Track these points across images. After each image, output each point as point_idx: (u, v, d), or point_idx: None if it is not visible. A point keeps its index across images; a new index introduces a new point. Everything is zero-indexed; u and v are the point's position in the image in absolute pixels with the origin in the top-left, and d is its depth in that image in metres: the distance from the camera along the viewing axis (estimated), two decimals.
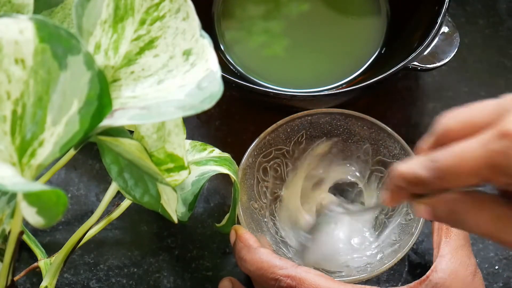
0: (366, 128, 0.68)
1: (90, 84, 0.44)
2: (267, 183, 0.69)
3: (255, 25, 0.80)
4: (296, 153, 0.70)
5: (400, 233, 0.65)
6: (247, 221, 0.64)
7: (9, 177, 0.42)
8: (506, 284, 0.69)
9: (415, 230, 0.63)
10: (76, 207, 0.74)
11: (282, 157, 0.69)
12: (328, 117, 0.68)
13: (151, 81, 0.50)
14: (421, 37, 0.70)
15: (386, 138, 0.67)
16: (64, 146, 0.45)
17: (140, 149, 0.54)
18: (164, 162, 0.56)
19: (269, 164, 0.69)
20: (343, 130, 0.69)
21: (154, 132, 0.55)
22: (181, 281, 0.70)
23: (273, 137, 0.68)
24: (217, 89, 0.48)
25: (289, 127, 0.68)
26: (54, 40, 0.43)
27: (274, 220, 0.69)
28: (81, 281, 0.71)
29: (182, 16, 0.52)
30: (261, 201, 0.68)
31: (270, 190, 0.69)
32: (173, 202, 0.56)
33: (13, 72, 0.44)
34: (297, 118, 0.68)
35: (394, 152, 0.67)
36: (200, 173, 0.62)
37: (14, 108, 0.44)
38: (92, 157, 0.75)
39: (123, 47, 0.51)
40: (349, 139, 0.69)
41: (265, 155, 0.68)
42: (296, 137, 0.69)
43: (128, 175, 0.52)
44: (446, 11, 0.69)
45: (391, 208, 0.67)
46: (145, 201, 0.54)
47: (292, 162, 0.70)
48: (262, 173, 0.68)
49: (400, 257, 0.62)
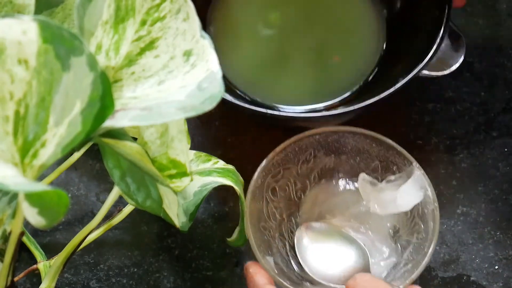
0: (375, 145, 0.67)
1: (93, 85, 0.44)
2: (277, 204, 0.68)
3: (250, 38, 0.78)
4: (305, 172, 0.69)
5: (412, 253, 0.65)
6: (257, 243, 0.63)
7: (11, 177, 0.42)
8: (506, 284, 0.69)
9: (428, 249, 0.62)
10: (76, 207, 0.74)
11: (290, 177, 0.69)
12: (336, 135, 0.67)
13: (151, 81, 0.50)
14: (426, 44, 0.69)
15: (395, 155, 0.66)
16: (66, 147, 0.45)
17: (141, 152, 0.54)
18: (167, 168, 0.56)
19: (277, 184, 0.68)
20: (351, 147, 0.68)
21: (157, 137, 0.55)
22: (181, 281, 0.70)
23: (281, 157, 0.67)
24: (218, 90, 0.48)
25: (297, 146, 0.67)
26: (57, 41, 0.43)
27: (284, 241, 0.68)
28: (81, 281, 0.71)
29: (182, 16, 0.52)
30: (271, 222, 0.67)
31: (279, 211, 0.68)
32: (174, 205, 0.56)
33: (16, 72, 0.44)
34: (305, 138, 0.67)
35: (404, 168, 0.66)
36: (203, 184, 0.62)
37: (16, 109, 0.44)
38: (92, 157, 0.75)
39: (124, 47, 0.51)
40: (358, 157, 0.69)
41: (273, 175, 0.67)
42: (304, 155, 0.68)
43: (130, 179, 0.52)
44: (449, 15, 0.68)
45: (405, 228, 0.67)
46: (147, 206, 0.54)
47: (301, 181, 0.69)
48: (271, 194, 0.68)
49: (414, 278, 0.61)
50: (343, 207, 0.69)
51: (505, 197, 0.73)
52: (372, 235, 0.68)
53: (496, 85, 0.78)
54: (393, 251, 0.67)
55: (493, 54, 0.79)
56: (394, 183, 0.66)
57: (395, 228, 0.67)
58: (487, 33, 0.81)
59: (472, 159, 0.75)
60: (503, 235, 0.72)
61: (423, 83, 0.78)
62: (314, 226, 0.68)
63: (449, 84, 0.78)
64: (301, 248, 0.66)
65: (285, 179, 0.68)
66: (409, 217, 0.66)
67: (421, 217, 0.65)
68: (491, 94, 0.78)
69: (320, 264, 0.65)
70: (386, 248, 0.67)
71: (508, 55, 0.79)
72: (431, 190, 0.64)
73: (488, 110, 0.77)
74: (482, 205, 0.73)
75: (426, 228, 0.64)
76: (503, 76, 0.78)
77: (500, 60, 0.79)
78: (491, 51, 0.80)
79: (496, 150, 0.75)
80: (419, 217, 0.65)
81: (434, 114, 0.77)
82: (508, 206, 0.73)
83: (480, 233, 0.72)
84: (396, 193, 0.66)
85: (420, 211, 0.65)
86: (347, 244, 0.66)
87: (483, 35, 0.81)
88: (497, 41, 0.80)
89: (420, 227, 0.65)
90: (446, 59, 0.69)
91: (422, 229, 0.64)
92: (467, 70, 0.79)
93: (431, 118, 0.77)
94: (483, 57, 0.79)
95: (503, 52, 0.79)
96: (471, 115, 0.77)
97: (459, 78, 0.78)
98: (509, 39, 0.80)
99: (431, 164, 0.74)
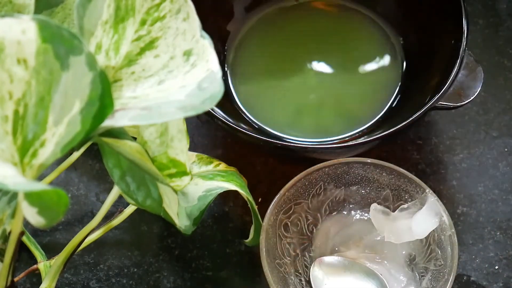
0: (385, 174, 0.67)
1: (92, 84, 0.44)
2: (290, 239, 0.68)
3: (266, 74, 0.79)
4: (315, 205, 0.69)
5: (431, 280, 0.64)
6: (274, 281, 0.63)
7: (10, 177, 0.42)
8: (506, 284, 0.69)
9: (448, 276, 0.62)
10: (76, 207, 0.74)
11: (301, 211, 0.68)
12: (345, 166, 0.67)
13: (151, 81, 0.50)
14: (442, 74, 0.68)
15: (407, 183, 0.66)
16: (66, 146, 0.45)
17: (140, 151, 0.54)
18: (167, 167, 0.56)
19: (289, 220, 0.68)
20: (361, 178, 0.68)
21: (157, 137, 0.55)
22: (181, 281, 0.70)
23: (292, 193, 0.67)
24: (218, 90, 0.47)
25: (307, 181, 0.67)
26: (56, 41, 0.43)
27: (300, 277, 0.67)
28: (81, 281, 0.71)
29: (182, 16, 0.52)
30: (285, 258, 0.67)
31: (293, 246, 0.68)
32: (174, 205, 0.56)
33: (15, 72, 0.44)
34: (314, 171, 0.67)
35: (416, 196, 0.66)
36: (208, 189, 0.62)
37: (16, 108, 0.44)
38: (92, 157, 0.75)
39: (123, 47, 0.51)
40: (368, 187, 0.69)
41: (285, 211, 0.67)
42: (315, 189, 0.68)
43: (130, 178, 0.52)
44: (466, 45, 0.68)
45: (421, 255, 0.67)
46: (147, 205, 0.54)
47: (312, 215, 0.69)
48: (284, 230, 0.67)
49: None
50: (356, 237, 0.69)
51: (505, 197, 0.73)
52: (388, 264, 0.67)
53: (496, 85, 0.78)
54: (411, 279, 0.66)
55: (493, 54, 0.79)
56: (407, 211, 0.66)
57: (410, 256, 0.67)
58: (487, 33, 0.81)
59: (472, 159, 0.75)
60: (503, 235, 0.71)
61: None
62: (327, 261, 0.67)
63: None
64: (316, 284, 0.66)
65: (296, 214, 0.68)
66: (425, 244, 0.66)
67: (438, 243, 0.65)
68: (491, 94, 0.78)
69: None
70: (403, 277, 0.66)
71: (508, 55, 0.79)
72: (447, 215, 0.64)
73: (488, 110, 0.77)
74: (482, 205, 0.73)
75: (444, 255, 0.64)
76: (503, 76, 0.78)
77: (500, 60, 0.79)
78: (491, 51, 0.80)
79: (496, 150, 0.75)
80: (435, 243, 0.65)
81: (434, 114, 0.77)
82: (508, 206, 0.73)
83: (480, 233, 0.72)
84: (411, 221, 0.65)
85: (436, 237, 0.65)
86: (364, 276, 0.66)
87: (483, 35, 0.80)
88: (497, 41, 0.80)
89: (437, 254, 0.65)
90: (463, 89, 0.67)
91: (440, 256, 0.64)
92: None
93: (431, 118, 0.77)
94: (483, 57, 0.79)
95: (503, 52, 0.79)
96: (471, 115, 0.77)
97: None
98: (509, 39, 0.80)
99: (431, 164, 0.74)
